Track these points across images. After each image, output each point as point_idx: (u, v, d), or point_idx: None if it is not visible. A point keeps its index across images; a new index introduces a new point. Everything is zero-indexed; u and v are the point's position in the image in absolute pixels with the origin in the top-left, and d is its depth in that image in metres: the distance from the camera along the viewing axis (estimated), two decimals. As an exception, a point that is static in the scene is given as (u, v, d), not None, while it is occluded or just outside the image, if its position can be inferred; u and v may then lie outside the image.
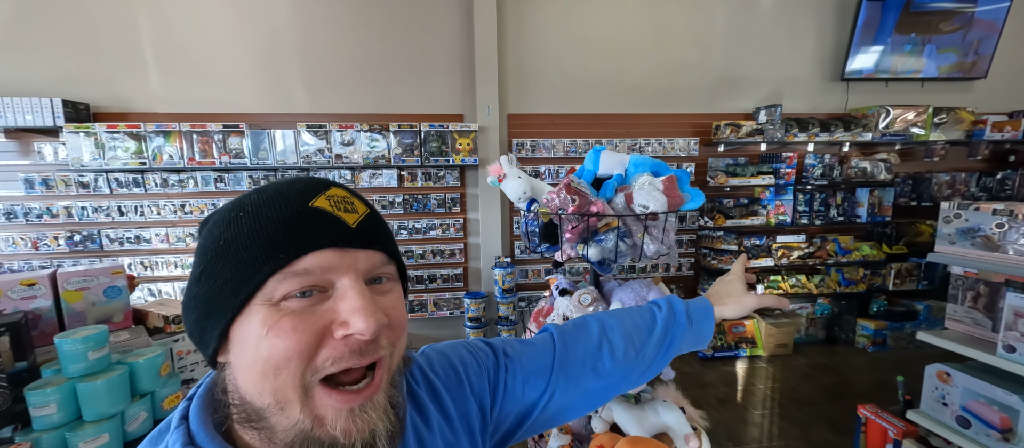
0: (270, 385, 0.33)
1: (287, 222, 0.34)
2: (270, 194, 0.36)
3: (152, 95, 2.86)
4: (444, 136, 2.92)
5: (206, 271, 0.35)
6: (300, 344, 0.33)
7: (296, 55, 2.93)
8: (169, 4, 2.78)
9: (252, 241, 0.34)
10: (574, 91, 3.24)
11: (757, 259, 3.35)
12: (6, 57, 2.69)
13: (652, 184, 1.06)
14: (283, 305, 0.33)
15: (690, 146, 3.34)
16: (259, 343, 0.33)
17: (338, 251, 0.35)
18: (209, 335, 0.35)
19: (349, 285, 0.35)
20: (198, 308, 0.35)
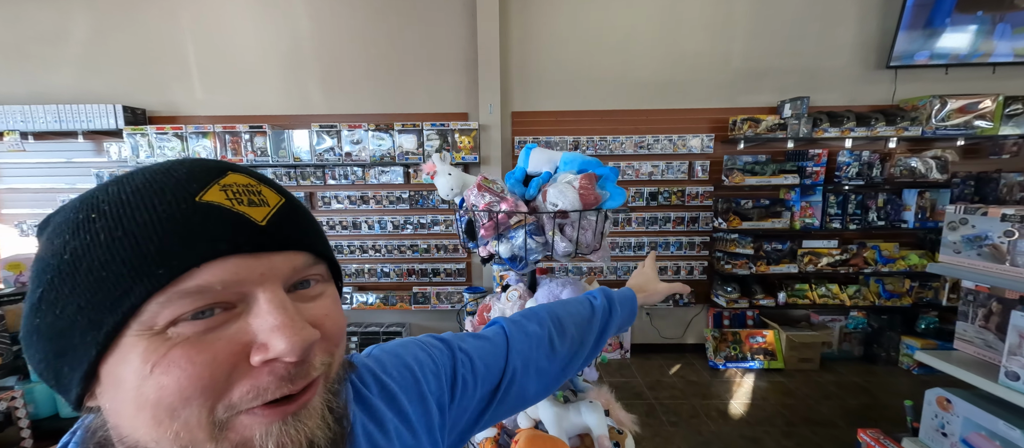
0: (168, 431, 0.26)
1: (165, 225, 0.26)
2: (138, 186, 0.28)
3: (195, 100, 3.23)
4: (445, 135, 3.01)
5: (47, 296, 0.26)
6: (203, 379, 0.26)
7: (315, 61, 3.16)
8: (209, 20, 3.11)
9: (113, 253, 0.25)
10: (581, 87, 3.19)
11: (778, 265, 3.10)
12: (83, 71, 3.17)
13: (568, 182, 1.05)
14: (171, 332, 0.26)
15: (704, 143, 3.16)
16: (141, 385, 0.25)
17: (245, 258, 0.28)
18: (67, 378, 0.27)
19: (265, 297, 0.28)
20: (44, 344, 0.27)
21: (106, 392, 0.27)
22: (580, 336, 0.64)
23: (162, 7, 3.09)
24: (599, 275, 3.33)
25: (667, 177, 3.20)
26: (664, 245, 3.28)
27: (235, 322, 0.28)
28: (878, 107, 3.08)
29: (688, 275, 3.32)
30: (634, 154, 3.18)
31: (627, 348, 3.40)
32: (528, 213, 1.05)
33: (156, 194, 0.27)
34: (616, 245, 3.28)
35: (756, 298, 3.16)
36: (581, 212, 1.04)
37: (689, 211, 3.27)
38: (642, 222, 3.26)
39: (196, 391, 0.26)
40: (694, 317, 3.44)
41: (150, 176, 0.29)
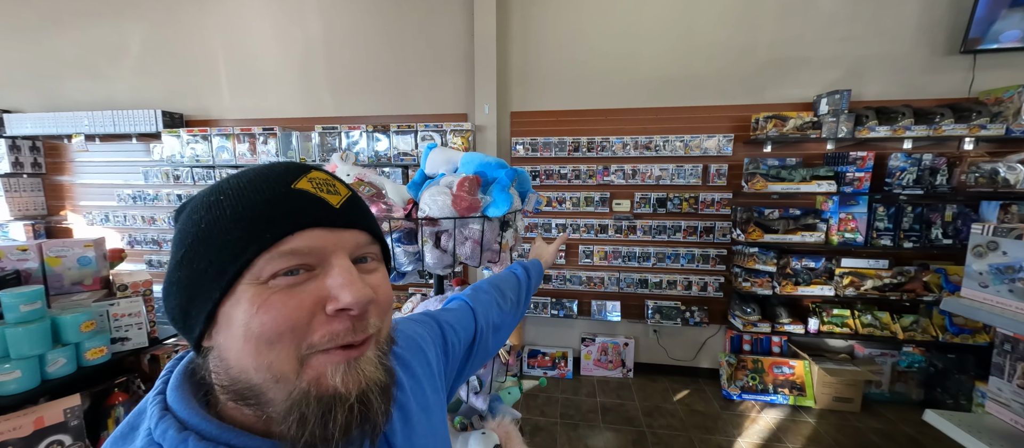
0: (265, 360, 0.33)
1: (271, 203, 0.35)
2: (250, 177, 0.37)
3: (223, 105, 3.52)
4: (441, 136, 2.98)
5: (187, 255, 0.35)
6: (291, 319, 0.33)
7: (324, 65, 3.30)
8: (236, 32, 3.37)
9: (236, 222, 0.34)
10: (584, 85, 3.00)
11: (809, 285, 2.67)
12: (137, 80, 3.58)
13: (447, 185, 0.94)
14: (271, 283, 0.34)
15: (720, 144, 2.81)
16: (249, 321, 0.33)
17: (324, 231, 0.36)
18: (194, 318, 0.35)
19: (337, 262, 0.36)
20: (180, 293, 0.36)
21: (221, 331, 0.35)
22: (515, 298, 0.85)
23: (200, 22, 3.40)
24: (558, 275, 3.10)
25: (677, 182, 2.90)
26: (673, 257, 2.97)
27: (315, 280, 0.36)
28: (946, 100, 2.53)
29: (701, 291, 2.97)
30: (639, 156, 2.92)
31: (630, 367, 3.13)
32: (402, 219, 0.96)
33: (264, 181, 0.37)
34: (619, 255, 3.03)
35: (780, 322, 2.75)
36: (455, 220, 0.92)
37: (703, 220, 2.93)
38: (648, 230, 2.99)
39: (287, 328, 0.33)
40: (709, 338, 3.08)
41: (259, 170, 0.38)
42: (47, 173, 3.87)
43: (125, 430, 0.37)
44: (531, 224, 3.11)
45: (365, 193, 0.95)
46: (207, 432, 0.34)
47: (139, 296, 1.56)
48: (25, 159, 3.72)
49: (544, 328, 3.32)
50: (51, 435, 1.20)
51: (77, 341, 1.36)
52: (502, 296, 0.81)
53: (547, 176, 3.04)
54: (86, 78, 3.65)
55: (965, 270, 1.06)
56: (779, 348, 2.94)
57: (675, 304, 3.00)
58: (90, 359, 1.38)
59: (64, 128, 3.48)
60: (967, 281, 1.06)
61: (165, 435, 0.34)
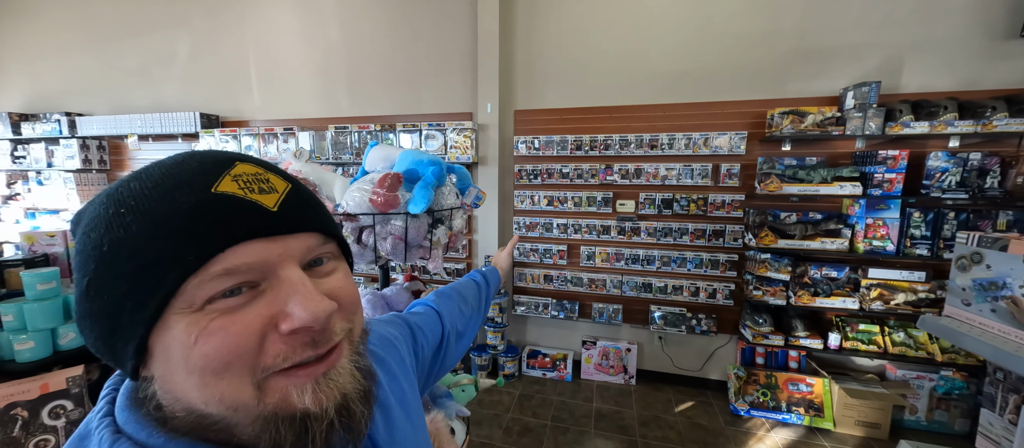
0: (214, 392, 0.30)
1: (189, 215, 0.29)
2: (157, 180, 0.31)
3: (254, 106, 3.79)
4: (443, 135, 3.03)
5: (94, 283, 0.30)
6: (239, 346, 0.29)
7: (342, 66, 3.46)
8: (265, 36, 3.62)
9: (148, 242, 0.29)
10: (590, 82, 2.93)
11: (830, 297, 2.44)
12: (184, 85, 3.95)
13: (370, 181, 0.97)
14: (208, 309, 0.29)
15: (732, 142, 2.63)
16: (188, 354, 0.29)
17: (264, 242, 0.31)
18: (121, 353, 0.31)
19: (285, 275, 0.32)
20: (97, 326, 0.31)
21: (158, 362, 0.31)
22: (475, 304, 0.87)
23: (236, 30, 3.69)
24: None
25: (684, 182, 2.75)
26: (679, 261, 2.83)
27: (262, 297, 0.31)
28: (1001, 92, 2.21)
29: (709, 298, 2.81)
30: (644, 155, 2.80)
31: (632, 373, 3.02)
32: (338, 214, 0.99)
33: (175, 187, 0.30)
34: (622, 257, 2.93)
35: (795, 335, 2.53)
36: (374, 217, 0.94)
37: (713, 222, 2.76)
38: (653, 232, 2.86)
39: (234, 356, 0.29)
40: (719, 348, 2.91)
41: (165, 170, 0.32)
42: (111, 169, 4.37)
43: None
44: (532, 223, 3.08)
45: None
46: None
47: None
48: (93, 157, 4.22)
49: (545, 329, 3.28)
50: (55, 400, 1.36)
51: (87, 318, 1.53)
52: (464, 301, 0.82)
53: (548, 175, 2.99)
54: (143, 84, 4.09)
55: (948, 284, 0.94)
56: (797, 363, 2.71)
57: (681, 310, 2.85)
58: (98, 334, 1.56)
59: (123, 129, 3.91)
60: (950, 298, 0.93)
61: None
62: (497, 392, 2.90)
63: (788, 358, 2.72)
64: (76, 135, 4.09)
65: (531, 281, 3.14)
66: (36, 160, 4.27)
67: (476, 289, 0.90)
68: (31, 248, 1.67)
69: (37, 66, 4.48)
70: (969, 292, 0.88)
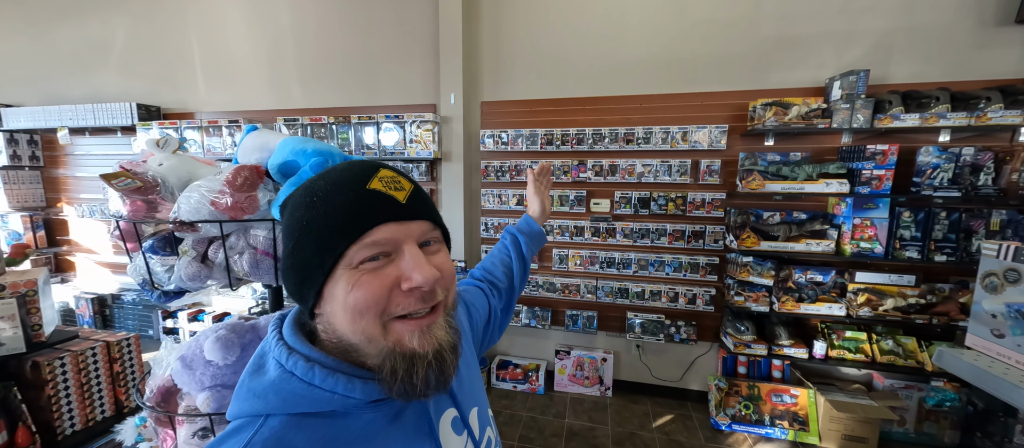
0: (359, 326, 0.43)
1: (354, 203, 0.44)
2: (334, 181, 0.46)
3: (200, 98, 3.46)
4: (401, 129, 2.77)
5: (297, 246, 0.45)
6: (376, 295, 0.43)
7: (293, 56, 3.16)
8: (212, 23, 3.30)
9: (329, 221, 0.43)
10: (560, 72, 2.71)
11: (815, 303, 2.27)
12: (122, 74, 3.60)
13: (213, 180, 0.71)
14: (360, 267, 0.43)
15: (713, 136, 2.44)
16: (346, 297, 0.43)
17: (396, 224, 0.44)
18: (307, 295, 0.46)
19: (407, 249, 0.45)
20: (295, 276, 0.46)
21: (327, 303, 0.46)
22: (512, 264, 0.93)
23: (178, 16, 3.35)
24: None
25: (661, 179, 2.55)
26: (657, 264, 2.63)
27: (392, 264, 0.45)
28: (996, 82, 2.06)
29: (688, 304, 2.62)
30: (619, 150, 2.60)
31: (608, 385, 2.81)
32: (170, 222, 0.73)
33: (345, 185, 0.46)
34: (596, 260, 2.72)
35: (778, 343, 2.36)
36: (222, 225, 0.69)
37: (692, 223, 2.57)
38: (629, 234, 2.66)
39: (373, 302, 0.43)
40: (699, 357, 2.72)
41: (340, 173, 0.47)
42: (45, 167, 3.98)
43: (255, 366, 0.47)
44: (500, 224, 2.85)
45: (123, 185, 0.73)
46: (327, 363, 0.45)
47: (14, 298, 1.44)
48: (23, 152, 3.82)
49: (517, 337, 3.06)
50: None
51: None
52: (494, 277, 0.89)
53: (518, 172, 2.76)
54: (79, 73, 3.71)
55: (972, 308, 0.73)
56: (781, 373, 2.54)
57: (659, 317, 2.66)
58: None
59: (53, 121, 3.54)
60: (974, 325, 0.73)
61: (297, 366, 0.44)
62: (461, 409, 2.66)
63: (772, 368, 2.55)
64: (2, 128, 3.69)
65: (500, 287, 2.91)
66: (-41, 156, 3.85)
67: (507, 252, 0.95)
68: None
69: (-41, 52, 4.05)
70: (1002, 320, 0.67)
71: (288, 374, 0.44)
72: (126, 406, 1.65)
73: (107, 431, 1.61)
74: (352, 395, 0.44)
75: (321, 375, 0.43)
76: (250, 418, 0.43)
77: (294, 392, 0.43)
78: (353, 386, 0.44)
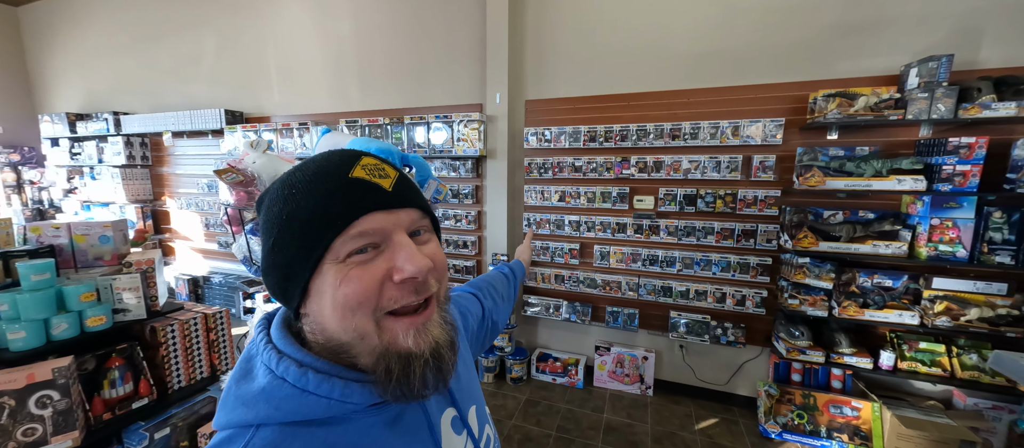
0: (350, 323, 0.41)
1: (337, 194, 0.41)
2: (313, 171, 0.42)
3: (274, 103, 3.87)
4: (449, 128, 2.92)
5: (277, 242, 0.42)
6: (367, 289, 0.40)
7: (353, 61, 3.44)
8: (282, 33, 3.67)
9: (312, 213, 0.40)
10: (604, 69, 2.71)
11: (883, 310, 2.10)
12: (211, 82, 4.11)
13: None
14: (348, 261, 0.40)
15: (767, 131, 2.33)
16: (335, 293, 0.40)
17: (383, 213, 0.42)
18: (291, 292, 0.43)
19: (397, 239, 0.42)
20: (277, 273, 0.43)
21: (313, 301, 0.42)
22: (506, 294, 0.95)
23: (257, 28, 3.77)
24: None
25: (709, 176, 2.47)
26: (703, 263, 2.56)
27: (382, 255, 0.42)
28: (1120, 62, 1.78)
29: (737, 305, 2.52)
30: (664, 147, 2.55)
31: (649, 383, 2.79)
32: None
33: (326, 175, 0.42)
34: (638, 257, 2.70)
35: (838, 351, 2.21)
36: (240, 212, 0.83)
37: (742, 221, 2.47)
38: (673, 231, 2.61)
39: (364, 296, 0.40)
40: (748, 361, 2.61)
41: (318, 164, 0.43)
42: (152, 165, 4.65)
43: (241, 373, 0.44)
44: (542, 220, 2.91)
45: (231, 179, 0.90)
46: (321, 367, 0.42)
47: (139, 273, 1.74)
48: (136, 153, 4.49)
49: (557, 331, 3.11)
50: (40, 390, 1.38)
51: (79, 309, 1.54)
52: (495, 291, 0.90)
53: (560, 169, 2.81)
54: (177, 83, 4.29)
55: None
56: (841, 383, 2.38)
57: (705, 318, 2.59)
58: (91, 326, 1.57)
59: (158, 126, 4.13)
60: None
61: (288, 371, 0.41)
62: (501, 396, 2.77)
63: (830, 377, 2.39)
64: (121, 133, 4.37)
65: (541, 281, 2.98)
66: (89, 157, 4.61)
67: (505, 280, 0.98)
68: (38, 239, 1.73)
69: (90, 69, 4.84)
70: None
71: (279, 380, 0.41)
72: (219, 370, 1.94)
73: (205, 389, 1.91)
74: (349, 400, 0.41)
75: (315, 380, 0.41)
76: (239, 429, 0.40)
77: (287, 399, 0.40)
78: (350, 390, 0.42)
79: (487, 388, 2.88)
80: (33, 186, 5.05)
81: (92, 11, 4.64)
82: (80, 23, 4.75)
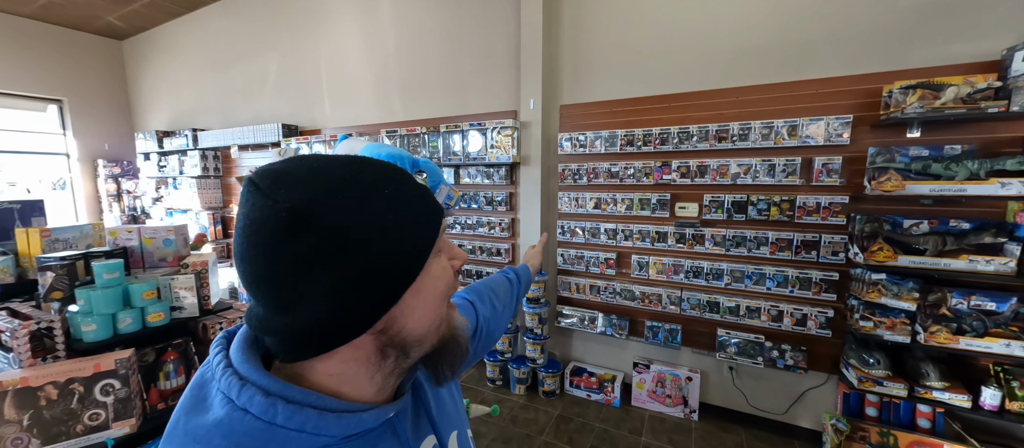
0: (441, 313, 0.45)
1: (424, 192, 0.43)
2: (391, 173, 0.41)
3: (326, 116, 4.12)
4: (484, 133, 2.93)
5: (378, 248, 0.37)
6: (453, 276, 0.46)
7: (396, 73, 3.57)
8: (334, 50, 3.92)
9: (421, 210, 0.41)
10: (644, 69, 2.58)
11: (983, 337, 1.76)
12: (273, 99, 4.47)
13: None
14: (436, 254, 0.44)
15: (831, 129, 2.07)
16: (436, 283, 0.43)
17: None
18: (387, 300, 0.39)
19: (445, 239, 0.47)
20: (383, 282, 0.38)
21: (406, 304, 0.41)
22: (507, 300, 0.92)
23: (313, 47, 4.06)
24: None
25: (762, 181, 2.25)
26: (756, 277, 2.32)
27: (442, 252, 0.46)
28: None
29: (796, 325, 2.25)
30: (709, 150, 2.36)
31: (694, 407, 2.56)
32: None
33: (404, 176, 0.44)
34: (681, 268, 2.51)
35: (925, 384, 1.88)
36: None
37: (802, 231, 2.21)
38: (720, 241, 2.39)
39: (453, 282, 0.47)
40: (811, 389, 2.32)
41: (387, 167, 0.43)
42: (223, 176, 5.13)
43: (192, 402, 0.37)
44: (576, 228, 2.81)
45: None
46: (292, 396, 0.37)
47: (194, 274, 1.89)
48: (210, 165, 4.99)
49: (592, 345, 2.97)
50: (105, 378, 1.52)
51: (141, 306, 1.70)
52: (495, 297, 0.88)
53: (595, 175, 2.70)
54: (246, 100, 4.72)
55: None
56: (929, 422, 2.02)
57: (757, 338, 2.34)
58: (152, 321, 1.72)
59: (227, 141, 4.56)
60: None
61: (252, 401, 0.36)
62: (532, 409, 2.68)
63: (915, 414, 2.05)
64: (197, 147, 4.88)
65: (576, 291, 2.86)
66: (173, 169, 5.20)
67: (508, 286, 0.95)
68: (115, 241, 1.93)
69: (176, 91, 5.48)
70: None
71: (240, 412, 0.35)
72: (260, 366, 2.04)
73: (247, 385, 2.02)
74: (324, 432, 0.37)
75: (286, 412, 0.35)
76: None
77: (249, 435, 0.34)
78: (325, 422, 0.37)
79: (518, 401, 2.80)
80: (129, 195, 5.78)
81: (179, 41, 5.26)
82: (168, 52, 5.41)
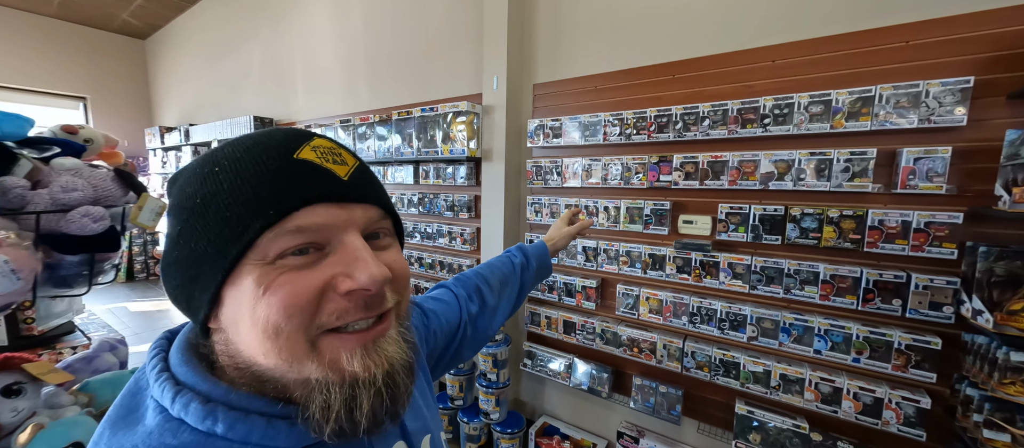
0: (274, 345, 0.32)
1: (273, 175, 0.33)
2: (248, 146, 0.35)
3: (299, 108, 3.77)
4: (438, 121, 2.35)
5: (185, 232, 0.34)
6: (301, 300, 0.32)
7: (362, 60, 3.12)
8: (306, 41, 3.55)
9: (235, 197, 0.33)
10: (640, 29, 1.88)
11: None
12: (256, 92, 4.21)
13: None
14: (279, 263, 0.33)
15: (933, 103, 1.26)
16: (256, 304, 0.32)
17: (333, 206, 0.34)
18: (197, 301, 0.34)
19: (348, 241, 0.35)
20: (180, 272, 0.35)
21: (226, 313, 0.34)
22: (504, 284, 0.82)
23: (289, 38, 3.72)
24: (650, 355, 1.87)
25: (810, 185, 1.46)
26: (797, 332, 1.52)
27: (325, 259, 0.34)
28: None
29: (862, 413, 1.42)
30: (726, 138, 1.61)
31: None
32: None
33: (264, 151, 0.35)
34: (684, 308, 1.75)
35: None
36: None
37: (878, 264, 1.40)
38: (742, 272, 1.62)
39: (296, 309, 0.32)
40: (887, 515, 1.46)
41: (256, 139, 0.36)
42: (215, 172, 4.97)
43: (121, 412, 0.34)
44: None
45: None
46: (236, 402, 0.33)
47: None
48: (201, 161, 4.84)
49: (569, 398, 2.26)
50: None
51: None
52: (488, 287, 0.78)
53: (573, 174, 2.02)
54: (234, 94, 4.53)
55: None
56: None
57: (797, 425, 1.53)
58: None
59: (210, 136, 4.35)
60: None
61: (188, 409, 0.32)
62: (472, 486, 2.02)
63: None
64: (189, 142, 4.74)
65: (546, 326, 2.17)
66: (173, 165, 5.13)
67: (511, 270, 0.85)
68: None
69: (181, 86, 5.46)
70: None
71: (174, 421, 0.32)
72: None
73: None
74: (273, 443, 0.33)
75: (227, 421, 0.32)
76: None
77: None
78: (275, 431, 0.33)
79: (464, 465, 2.16)
80: (137, 190, 5.82)
81: (186, 35, 5.23)
82: (179, 47, 5.40)
